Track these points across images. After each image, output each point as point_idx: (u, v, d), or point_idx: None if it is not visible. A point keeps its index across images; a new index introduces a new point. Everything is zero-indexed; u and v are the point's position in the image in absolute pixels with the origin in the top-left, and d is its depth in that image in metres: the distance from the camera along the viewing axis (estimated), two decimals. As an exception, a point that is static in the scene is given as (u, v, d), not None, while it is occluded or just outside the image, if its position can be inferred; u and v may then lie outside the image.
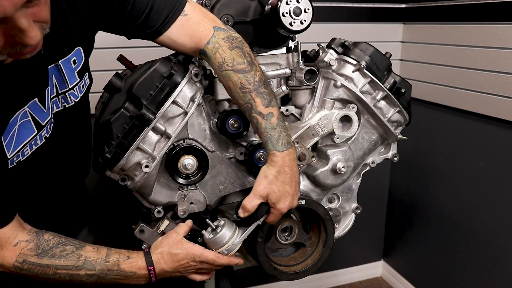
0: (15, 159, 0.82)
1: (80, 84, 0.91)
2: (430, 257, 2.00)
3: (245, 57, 0.93)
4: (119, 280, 0.92)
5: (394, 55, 1.72)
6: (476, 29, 1.61)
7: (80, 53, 0.90)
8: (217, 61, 0.92)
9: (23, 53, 0.68)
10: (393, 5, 1.93)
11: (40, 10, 0.66)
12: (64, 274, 0.87)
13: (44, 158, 0.89)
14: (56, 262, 0.87)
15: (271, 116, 0.92)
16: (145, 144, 0.99)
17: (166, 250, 0.95)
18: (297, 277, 1.12)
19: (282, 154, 0.91)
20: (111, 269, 0.90)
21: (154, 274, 0.93)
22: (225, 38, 0.93)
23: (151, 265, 0.93)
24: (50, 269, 0.86)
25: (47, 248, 0.87)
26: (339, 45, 1.13)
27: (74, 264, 0.88)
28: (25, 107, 0.81)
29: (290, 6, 1.02)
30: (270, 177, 0.92)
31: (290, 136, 0.95)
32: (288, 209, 0.96)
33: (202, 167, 1.06)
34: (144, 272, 0.93)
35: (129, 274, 0.92)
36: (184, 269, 0.97)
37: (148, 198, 1.07)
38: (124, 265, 0.91)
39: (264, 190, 0.92)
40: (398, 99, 1.15)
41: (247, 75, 0.91)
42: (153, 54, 1.33)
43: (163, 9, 0.90)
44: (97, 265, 0.89)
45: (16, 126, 0.80)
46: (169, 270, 0.95)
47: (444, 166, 1.86)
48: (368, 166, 1.23)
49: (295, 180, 0.95)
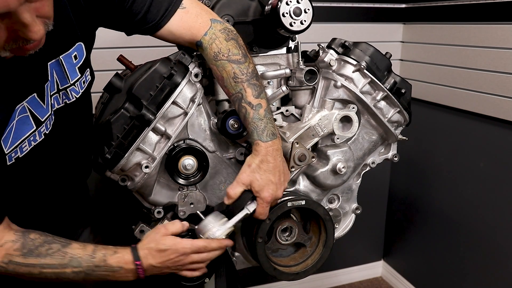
0: (13, 155, 0.81)
1: (81, 80, 0.92)
2: (430, 257, 2.00)
3: (240, 49, 0.96)
4: (107, 277, 0.90)
5: (394, 55, 1.72)
6: (476, 29, 1.61)
7: (81, 49, 0.90)
8: (213, 51, 0.95)
9: (26, 48, 0.69)
10: (393, 5, 1.92)
11: (43, 5, 0.66)
12: (50, 272, 0.86)
13: (44, 156, 0.89)
14: (42, 261, 0.85)
15: (260, 107, 0.95)
16: (145, 144, 0.99)
17: (154, 246, 0.93)
18: (297, 277, 1.12)
19: (266, 144, 0.95)
20: (98, 265, 0.89)
21: (141, 269, 0.92)
22: (221, 30, 0.96)
23: (138, 260, 0.91)
24: (35, 269, 0.85)
25: (33, 247, 0.86)
26: (339, 45, 1.13)
27: (60, 262, 0.86)
28: (24, 102, 0.80)
29: (290, 7, 1.02)
30: (253, 165, 0.95)
31: (276, 128, 0.98)
32: (272, 199, 0.97)
33: (202, 168, 1.06)
34: (131, 267, 0.91)
35: (116, 269, 0.90)
36: (173, 264, 0.94)
37: (148, 198, 1.07)
38: (111, 260, 0.90)
39: (247, 178, 0.96)
40: (398, 100, 1.15)
41: (241, 66, 0.95)
42: (153, 54, 1.33)
43: (162, 2, 0.92)
44: (83, 262, 0.88)
45: (14, 122, 0.80)
46: (157, 265, 0.93)
47: (444, 166, 1.86)
48: (368, 166, 1.23)
49: (279, 170, 0.97)
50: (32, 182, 0.91)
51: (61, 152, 0.94)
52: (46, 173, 0.93)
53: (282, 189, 0.99)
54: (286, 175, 1.01)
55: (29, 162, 0.85)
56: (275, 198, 0.99)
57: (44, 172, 0.92)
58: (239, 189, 0.97)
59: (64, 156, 0.96)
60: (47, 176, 0.94)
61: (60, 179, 0.98)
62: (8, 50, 0.69)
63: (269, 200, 0.98)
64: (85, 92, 0.95)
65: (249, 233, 1.07)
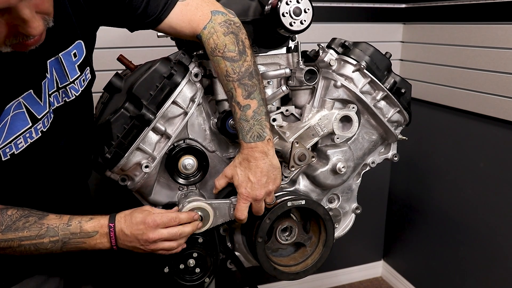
0: (8, 151, 0.81)
1: (80, 78, 0.92)
2: (430, 257, 2.01)
3: (237, 45, 0.95)
4: (83, 245, 0.91)
5: (394, 55, 1.72)
6: (476, 29, 1.61)
7: (81, 47, 0.90)
8: (210, 47, 0.95)
9: (26, 44, 0.69)
10: (393, 5, 1.93)
11: (43, 1, 0.67)
12: (29, 244, 0.87)
13: (42, 154, 0.89)
14: (20, 234, 0.86)
15: (247, 108, 0.95)
16: (145, 144, 0.99)
17: (129, 213, 0.94)
18: (297, 277, 1.12)
19: (248, 145, 0.96)
20: (74, 232, 0.89)
21: (113, 233, 0.92)
22: (221, 23, 0.96)
23: (112, 222, 0.92)
24: (14, 242, 0.86)
25: (10, 223, 0.87)
26: (339, 45, 1.13)
27: (37, 234, 0.87)
28: (19, 98, 0.81)
29: (290, 6, 1.02)
30: (236, 162, 0.99)
31: (265, 130, 0.96)
32: (250, 197, 0.98)
33: (202, 167, 1.06)
34: (105, 230, 0.91)
35: (91, 234, 0.90)
36: (142, 237, 0.92)
37: (148, 198, 1.07)
38: (86, 225, 0.90)
39: (229, 171, 1.00)
40: (398, 99, 1.15)
41: (234, 64, 0.94)
42: (153, 54, 1.33)
43: None
44: (59, 231, 0.89)
45: (9, 117, 0.80)
46: (127, 233, 0.92)
47: (444, 166, 1.86)
48: (368, 166, 1.23)
49: (261, 171, 0.96)
50: (30, 180, 0.91)
51: (60, 151, 0.94)
52: (45, 172, 0.93)
53: (263, 191, 0.98)
54: (271, 178, 0.98)
55: (26, 159, 0.85)
56: (253, 198, 0.98)
57: (43, 171, 0.92)
58: (222, 180, 1.01)
59: (63, 156, 0.96)
60: (46, 175, 0.94)
61: (60, 178, 0.98)
62: (9, 46, 0.69)
63: (246, 198, 0.98)
64: (85, 90, 0.95)
65: (249, 232, 1.07)
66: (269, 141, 0.97)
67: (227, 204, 1.03)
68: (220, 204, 1.03)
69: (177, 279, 1.03)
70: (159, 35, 1.19)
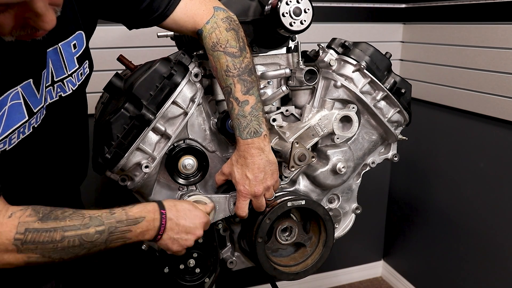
0: (1, 146, 0.76)
1: (78, 71, 0.89)
2: (430, 257, 2.00)
3: (238, 42, 0.96)
4: (128, 236, 0.84)
5: (394, 55, 1.72)
6: (476, 29, 1.61)
7: (81, 38, 0.88)
8: (211, 41, 0.95)
9: (35, 35, 0.68)
10: (393, 5, 1.92)
11: None
12: (73, 235, 0.78)
13: (31, 153, 0.84)
14: (62, 223, 0.77)
15: (246, 104, 0.95)
16: (145, 144, 0.99)
17: (173, 204, 0.92)
18: (297, 277, 1.12)
19: (245, 141, 0.96)
20: (120, 220, 0.83)
21: (165, 219, 0.87)
22: (223, 19, 0.96)
23: (163, 209, 0.88)
24: (57, 233, 0.76)
25: (47, 212, 0.77)
26: (339, 45, 1.13)
27: (81, 223, 0.78)
28: (18, 87, 0.76)
29: (290, 6, 1.02)
30: (233, 159, 1.00)
31: (261, 126, 0.96)
32: (249, 194, 0.98)
33: (202, 168, 1.06)
34: (155, 216, 0.86)
35: (139, 220, 0.84)
36: (182, 230, 0.90)
37: (148, 198, 1.07)
38: (131, 212, 0.85)
39: (227, 169, 1.01)
40: (398, 99, 1.15)
41: (235, 60, 0.95)
42: (153, 54, 1.33)
43: None
44: (104, 219, 0.81)
45: (6, 107, 0.75)
46: (173, 223, 0.88)
47: (444, 166, 1.86)
48: (368, 166, 1.23)
49: (257, 167, 0.97)
50: (18, 181, 0.85)
51: (51, 151, 0.90)
52: (33, 173, 0.88)
53: (261, 187, 0.98)
54: (268, 174, 0.98)
55: (15, 157, 0.80)
56: (252, 194, 0.99)
57: (31, 172, 0.88)
58: (220, 177, 1.03)
59: (53, 157, 0.91)
60: (34, 176, 0.89)
61: (49, 181, 0.93)
62: (14, 36, 0.67)
63: (244, 195, 0.99)
64: (82, 85, 0.92)
65: (249, 233, 1.07)
66: (265, 137, 0.97)
67: (226, 198, 1.04)
68: (220, 199, 1.03)
69: (177, 279, 1.03)
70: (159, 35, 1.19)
